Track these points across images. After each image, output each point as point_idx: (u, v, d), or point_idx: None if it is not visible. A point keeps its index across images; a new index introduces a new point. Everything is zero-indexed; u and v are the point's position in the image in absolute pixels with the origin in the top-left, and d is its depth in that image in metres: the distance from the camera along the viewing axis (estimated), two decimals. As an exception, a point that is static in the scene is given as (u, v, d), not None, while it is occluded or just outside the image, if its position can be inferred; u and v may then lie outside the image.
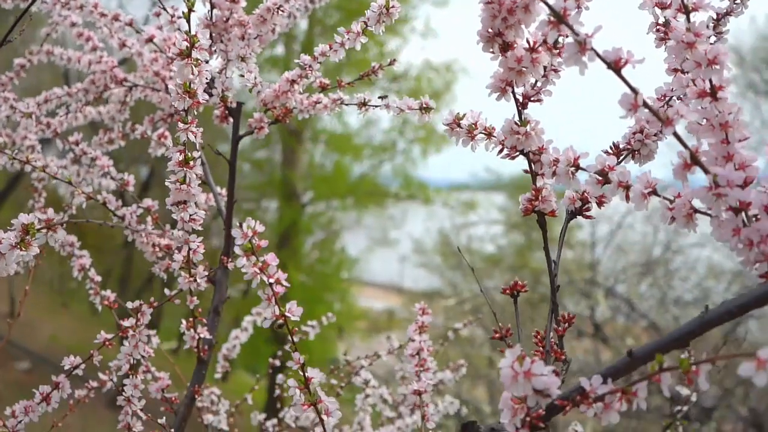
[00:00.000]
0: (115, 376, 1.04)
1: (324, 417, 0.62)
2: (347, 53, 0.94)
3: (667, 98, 0.67)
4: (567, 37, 0.51)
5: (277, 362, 1.48)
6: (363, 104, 0.91)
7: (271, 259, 0.60)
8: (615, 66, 0.49)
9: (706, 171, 0.49)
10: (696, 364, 0.43)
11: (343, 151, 11.20)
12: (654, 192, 0.54)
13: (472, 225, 9.50)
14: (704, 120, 0.54)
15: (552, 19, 0.51)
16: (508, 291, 0.64)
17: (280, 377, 1.31)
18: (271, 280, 0.59)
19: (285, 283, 0.60)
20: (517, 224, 10.20)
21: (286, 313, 0.61)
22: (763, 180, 0.53)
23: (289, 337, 0.62)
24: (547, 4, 0.51)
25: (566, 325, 0.60)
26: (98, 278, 1.06)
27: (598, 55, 0.49)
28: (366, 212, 11.36)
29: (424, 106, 0.80)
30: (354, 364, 1.29)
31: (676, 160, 0.53)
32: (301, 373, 0.62)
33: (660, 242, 6.98)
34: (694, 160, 0.50)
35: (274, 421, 1.36)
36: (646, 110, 0.50)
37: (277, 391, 1.36)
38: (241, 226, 0.58)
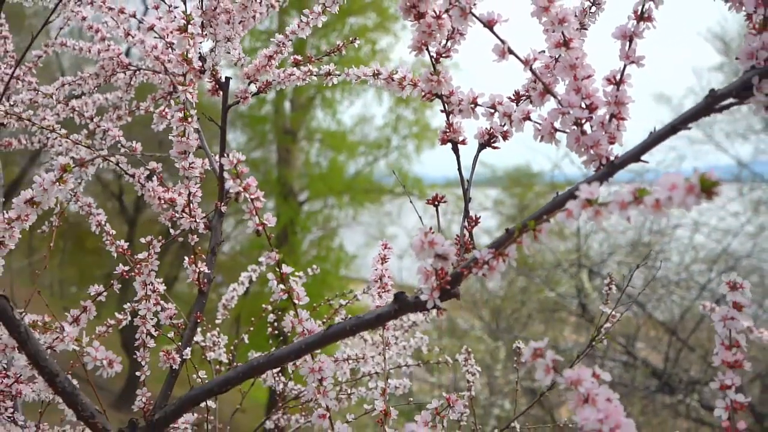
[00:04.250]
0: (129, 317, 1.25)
1: (296, 301, 0.82)
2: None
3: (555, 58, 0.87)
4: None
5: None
6: (328, 74, 1.11)
7: (252, 181, 0.80)
8: (489, 24, 0.69)
9: (555, 97, 0.70)
10: (538, 223, 0.63)
11: (338, 149, 11.39)
12: (528, 118, 0.74)
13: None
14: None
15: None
16: (429, 202, 0.84)
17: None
18: (253, 196, 0.79)
19: (262, 198, 0.80)
20: (512, 217, 10.38)
21: (264, 221, 0.81)
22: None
23: (267, 242, 0.82)
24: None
25: (474, 223, 0.80)
26: (113, 231, 1.26)
27: (476, 17, 0.69)
28: (362, 209, 11.54)
29: (376, 72, 0.99)
30: (334, 304, 1.49)
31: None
32: (278, 269, 0.82)
33: (648, 227, 7.21)
34: (547, 90, 0.70)
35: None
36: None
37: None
38: (228, 155, 0.78)
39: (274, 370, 1.46)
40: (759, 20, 0.62)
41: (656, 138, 0.65)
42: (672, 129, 0.64)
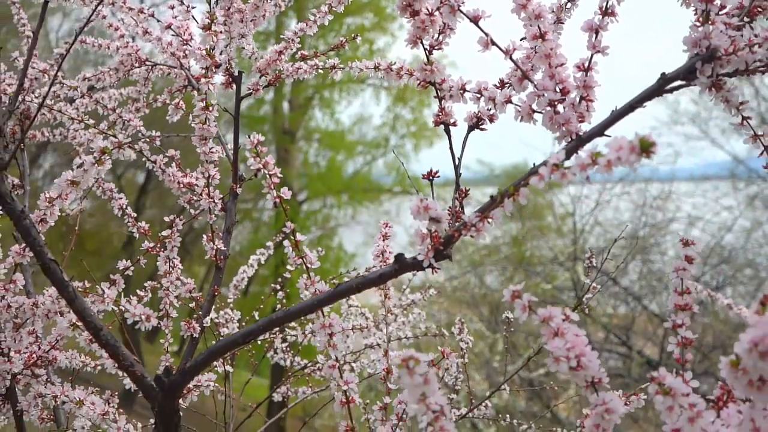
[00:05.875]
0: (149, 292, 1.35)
1: (308, 265, 0.93)
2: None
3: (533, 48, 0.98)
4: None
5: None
6: (333, 67, 1.22)
7: (270, 159, 0.91)
8: (475, 19, 0.80)
9: (532, 82, 0.81)
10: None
11: (336, 149, 11.50)
12: (509, 101, 0.86)
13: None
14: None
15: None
16: (425, 176, 0.95)
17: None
18: (271, 173, 0.91)
19: (279, 174, 0.91)
20: (512, 215, 10.46)
21: (281, 194, 0.92)
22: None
23: (283, 211, 0.93)
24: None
25: (464, 196, 0.91)
26: (134, 214, 1.37)
27: (464, 14, 0.80)
28: (361, 208, 11.64)
29: (377, 65, 1.10)
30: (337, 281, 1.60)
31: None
32: (293, 237, 0.93)
33: (644, 221, 7.33)
34: (525, 76, 0.81)
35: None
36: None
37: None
38: (249, 136, 0.89)
39: (283, 345, 1.57)
40: (702, 14, 0.73)
41: (617, 115, 0.76)
42: (630, 107, 0.75)
